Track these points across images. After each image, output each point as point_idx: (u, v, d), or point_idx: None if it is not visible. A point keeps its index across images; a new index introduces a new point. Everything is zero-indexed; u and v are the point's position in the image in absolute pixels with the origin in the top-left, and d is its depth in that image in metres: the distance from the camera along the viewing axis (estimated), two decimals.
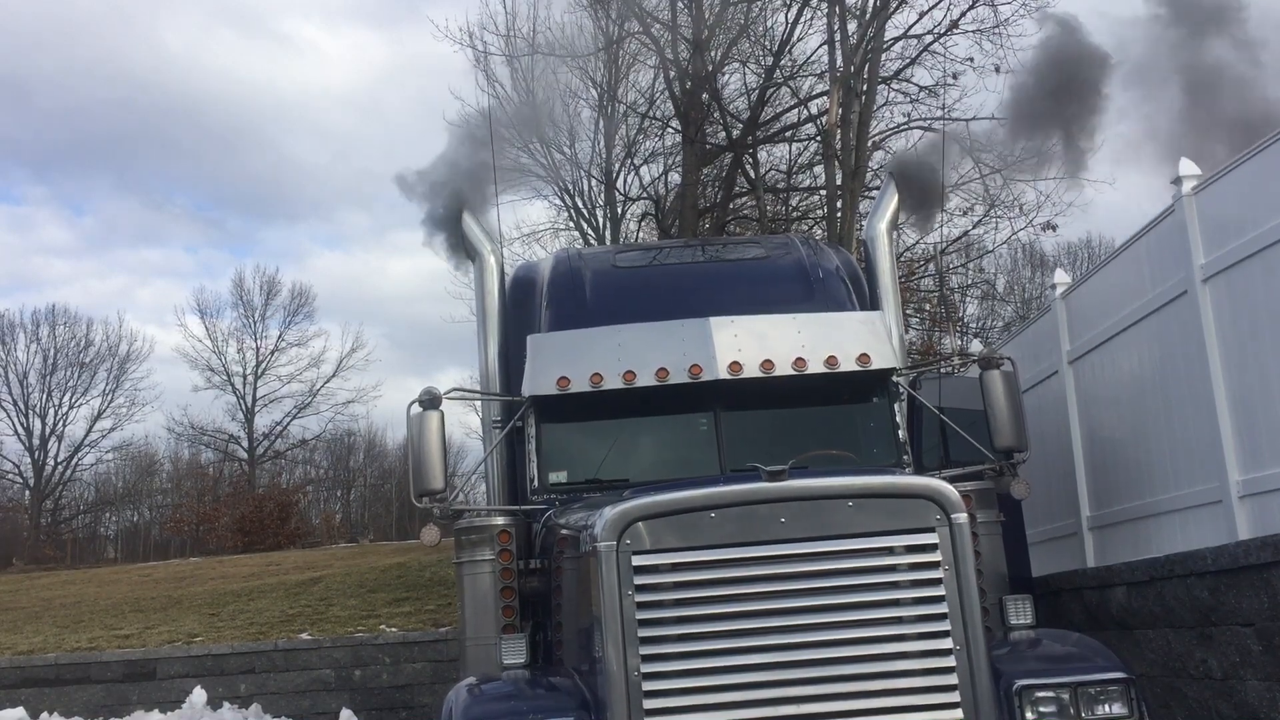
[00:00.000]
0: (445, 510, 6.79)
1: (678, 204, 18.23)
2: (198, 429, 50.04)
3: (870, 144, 17.18)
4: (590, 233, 20.62)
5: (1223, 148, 7.75)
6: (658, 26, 17.87)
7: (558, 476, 6.92)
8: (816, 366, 6.76)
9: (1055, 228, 18.08)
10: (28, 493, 49.03)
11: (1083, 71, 9.09)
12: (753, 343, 6.82)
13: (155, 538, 52.40)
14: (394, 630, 13.58)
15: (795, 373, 6.74)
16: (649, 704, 4.72)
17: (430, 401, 6.70)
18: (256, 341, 50.88)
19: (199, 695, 12.28)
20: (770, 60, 18.23)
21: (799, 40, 18.27)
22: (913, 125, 17.96)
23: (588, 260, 8.52)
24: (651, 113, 19.67)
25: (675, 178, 19.42)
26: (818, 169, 19.03)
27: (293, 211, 78.61)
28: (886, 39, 16.93)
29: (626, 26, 18.65)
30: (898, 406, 7.06)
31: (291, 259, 78.06)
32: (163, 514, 51.90)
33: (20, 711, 12.23)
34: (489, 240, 8.31)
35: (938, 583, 4.87)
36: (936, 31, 16.99)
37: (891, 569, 4.92)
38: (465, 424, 32.33)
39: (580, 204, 20.81)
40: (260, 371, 50.34)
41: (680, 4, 17.63)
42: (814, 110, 18.39)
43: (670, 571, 4.86)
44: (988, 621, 5.21)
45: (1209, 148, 7.89)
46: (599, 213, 20.88)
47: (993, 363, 7.01)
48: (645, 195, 20.96)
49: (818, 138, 18.13)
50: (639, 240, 20.29)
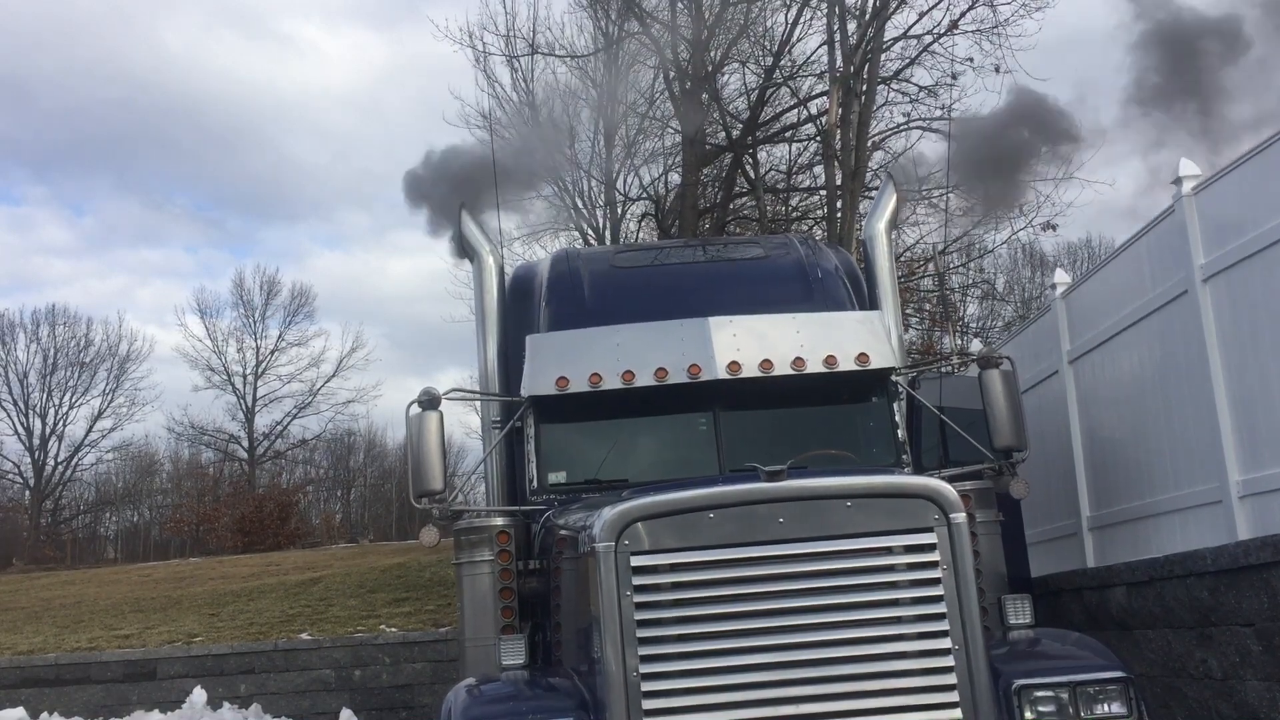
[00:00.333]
0: (444, 511, 6.79)
1: (678, 204, 18.22)
2: (198, 429, 50.08)
3: (870, 144, 17.16)
4: (590, 233, 20.60)
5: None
6: (658, 27, 17.87)
7: (557, 477, 6.92)
8: (815, 366, 6.75)
9: (1055, 228, 18.03)
10: (28, 493, 49.00)
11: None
12: (752, 342, 6.82)
13: (155, 538, 52.34)
14: (394, 630, 13.58)
15: (794, 372, 6.74)
16: (648, 704, 4.72)
17: (429, 402, 6.69)
18: (256, 341, 50.90)
19: (199, 695, 12.29)
20: (770, 60, 18.23)
21: (799, 40, 18.27)
22: (912, 125, 17.98)
23: (587, 260, 8.52)
24: (651, 113, 19.66)
25: (675, 178, 19.41)
26: (817, 169, 19.02)
27: (293, 211, 78.64)
28: (886, 39, 16.91)
29: (626, 27, 18.65)
30: (897, 406, 7.06)
31: (291, 259, 78.12)
32: (163, 514, 51.85)
33: (20, 711, 12.24)
34: (488, 240, 8.31)
35: (936, 583, 4.87)
36: (936, 32, 16.97)
37: (890, 569, 4.92)
38: (465, 424, 32.49)
39: (580, 204, 20.80)
40: (260, 371, 50.37)
41: (680, 4, 17.63)
42: (814, 110, 18.39)
43: (669, 572, 4.86)
44: (986, 621, 5.21)
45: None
46: (599, 213, 20.88)
47: (992, 362, 7.01)
48: (645, 195, 20.94)
49: (817, 138, 18.12)
50: (639, 240, 20.28)
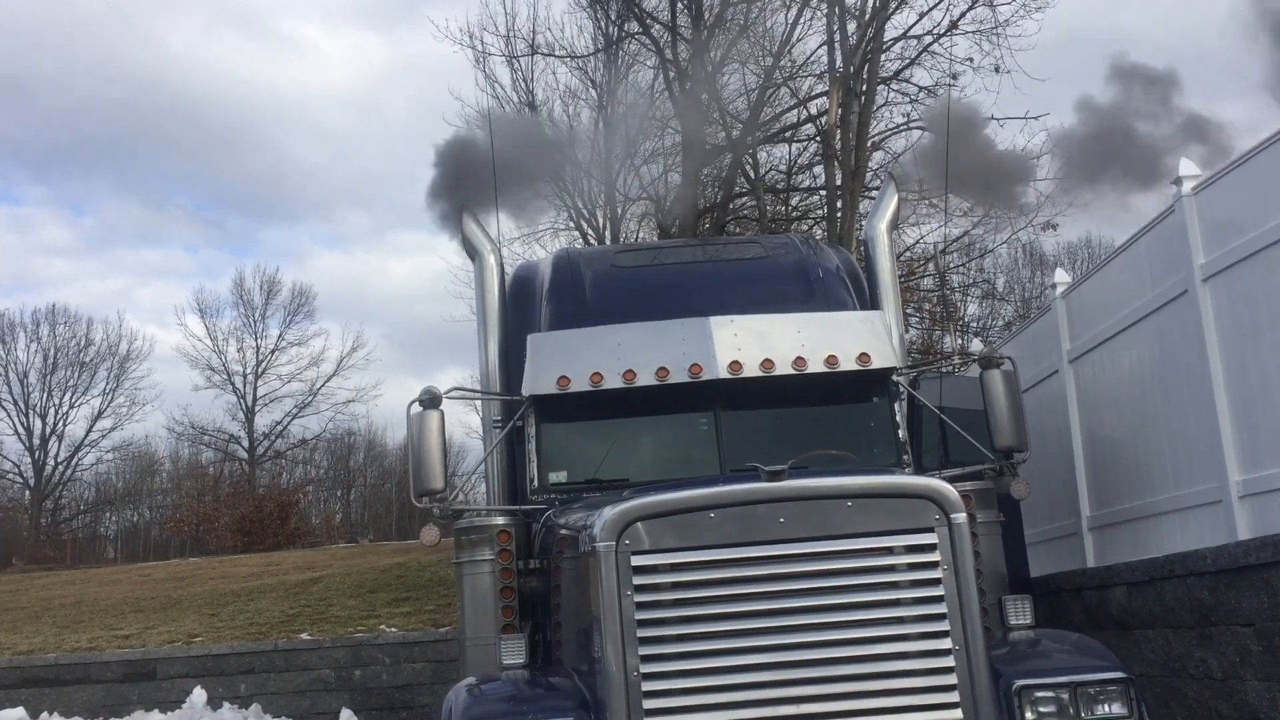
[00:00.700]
0: (445, 510, 6.80)
1: (678, 204, 18.21)
2: (198, 429, 50.00)
3: (870, 144, 17.17)
4: (590, 233, 20.60)
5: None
6: (658, 27, 17.86)
7: (557, 476, 6.92)
8: (816, 366, 6.75)
9: (1055, 227, 18.06)
10: (28, 493, 48.97)
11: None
12: (753, 342, 6.82)
13: (155, 538, 52.30)
14: (394, 630, 13.58)
15: (795, 372, 6.73)
16: (648, 704, 4.72)
17: (430, 401, 6.69)
18: (257, 341, 50.83)
19: (199, 695, 12.30)
20: (770, 60, 18.23)
21: (799, 40, 18.28)
22: (912, 125, 17.97)
23: (587, 260, 8.51)
24: (651, 113, 19.65)
25: (675, 178, 19.41)
26: (818, 169, 19.02)
27: (293, 211, 78.60)
28: (886, 39, 16.92)
29: (626, 27, 18.65)
30: (898, 406, 7.06)
31: (291, 259, 78.09)
32: (163, 514, 51.81)
33: (20, 711, 12.24)
34: (489, 240, 8.31)
35: (937, 583, 4.87)
36: (936, 32, 16.99)
37: (891, 569, 4.93)
38: (465, 424, 32.39)
39: (580, 204, 20.79)
40: (260, 371, 50.31)
41: (680, 4, 17.62)
42: (814, 110, 18.38)
43: (669, 571, 4.86)
44: (987, 621, 5.21)
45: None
46: (599, 213, 20.87)
47: (993, 362, 7.01)
48: (645, 195, 20.94)
49: (817, 138, 18.12)
50: (639, 240, 20.28)
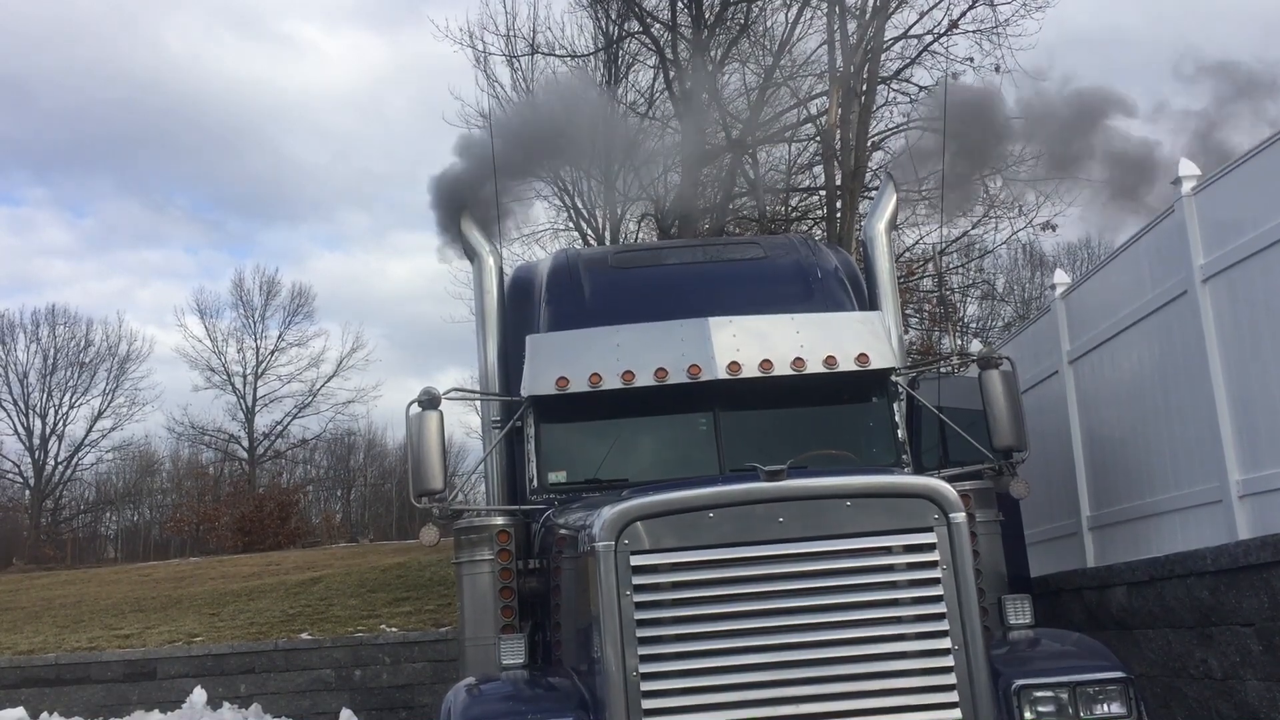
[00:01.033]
0: (445, 510, 6.79)
1: (678, 204, 18.21)
2: (198, 429, 49.99)
3: (870, 144, 17.16)
4: (590, 233, 20.60)
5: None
6: (658, 26, 17.86)
7: (557, 476, 6.91)
8: (815, 366, 6.75)
9: (1055, 228, 18.08)
10: (28, 492, 48.99)
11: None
12: (752, 342, 6.81)
13: (155, 538, 52.33)
14: (394, 630, 13.58)
15: (794, 373, 6.73)
16: (647, 704, 4.72)
17: (430, 401, 6.69)
18: (256, 341, 50.82)
19: (199, 695, 12.30)
20: (770, 60, 18.23)
21: (799, 40, 18.28)
22: (912, 125, 17.96)
23: (586, 260, 8.51)
24: (651, 113, 19.65)
25: (675, 178, 19.41)
26: (817, 169, 19.02)
27: (293, 212, 78.64)
28: (886, 39, 16.93)
29: (626, 26, 18.66)
30: (897, 406, 7.06)
31: (291, 260, 78.13)
32: (163, 514, 51.86)
33: (20, 711, 12.24)
34: (488, 241, 8.31)
35: (936, 582, 4.87)
36: (936, 32, 17.00)
37: (890, 569, 4.93)
38: (465, 424, 32.45)
39: (580, 204, 20.80)
40: (260, 371, 50.31)
41: (680, 4, 17.62)
42: (813, 110, 18.38)
43: (669, 571, 4.86)
44: (986, 621, 5.21)
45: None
46: (599, 213, 20.87)
47: (992, 362, 7.01)
48: (645, 195, 20.94)
49: (817, 138, 18.12)
50: (639, 240, 20.28)
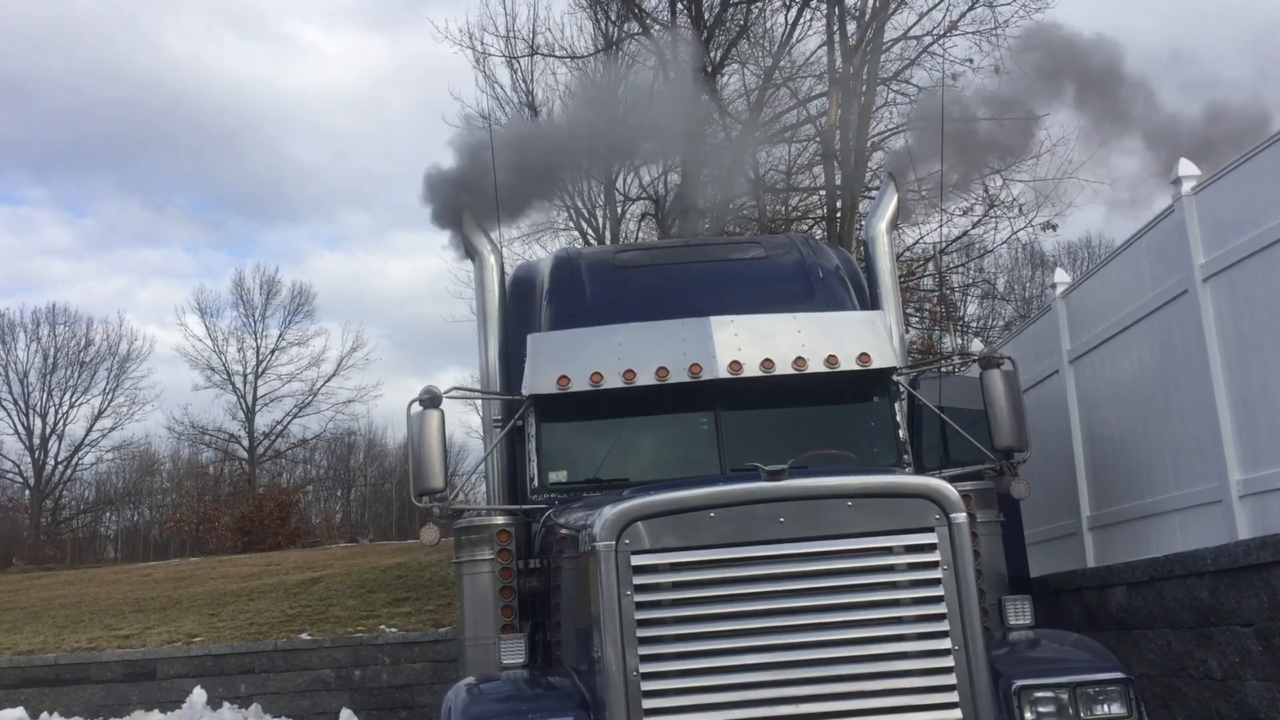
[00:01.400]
0: (445, 510, 6.79)
1: (678, 204, 18.22)
2: (198, 428, 49.92)
3: (869, 144, 17.17)
4: (590, 233, 20.62)
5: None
6: (658, 27, 17.87)
7: (557, 476, 6.91)
8: (817, 366, 6.75)
9: (1055, 227, 18.04)
10: (28, 492, 48.94)
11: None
12: (753, 342, 6.81)
13: (155, 538, 52.28)
14: (394, 630, 13.58)
15: (795, 372, 6.73)
16: (648, 704, 4.72)
17: (430, 400, 6.69)
18: (257, 341, 50.73)
19: (199, 695, 12.29)
20: (770, 61, 18.23)
21: (799, 41, 18.29)
22: (912, 126, 17.95)
23: (587, 259, 8.51)
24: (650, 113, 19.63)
25: (675, 178, 19.42)
26: (817, 169, 19.02)
27: (293, 212, 78.62)
28: (886, 40, 16.93)
29: (626, 27, 18.65)
30: (898, 406, 7.06)
31: (292, 259, 78.14)
32: (163, 514, 51.79)
33: (20, 711, 12.24)
34: (489, 240, 8.31)
35: (937, 583, 4.87)
36: (936, 32, 17.00)
37: (890, 569, 4.92)
38: (465, 423, 32.35)
39: (580, 204, 20.81)
40: (260, 371, 50.22)
41: (680, 4, 17.62)
42: (813, 111, 18.39)
43: (669, 571, 4.86)
44: (987, 621, 5.21)
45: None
46: (599, 213, 20.89)
47: (993, 362, 7.01)
48: (645, 195, 20.94)
49: (817, 138, 18.12)
50: (639, 240, 20.28)
